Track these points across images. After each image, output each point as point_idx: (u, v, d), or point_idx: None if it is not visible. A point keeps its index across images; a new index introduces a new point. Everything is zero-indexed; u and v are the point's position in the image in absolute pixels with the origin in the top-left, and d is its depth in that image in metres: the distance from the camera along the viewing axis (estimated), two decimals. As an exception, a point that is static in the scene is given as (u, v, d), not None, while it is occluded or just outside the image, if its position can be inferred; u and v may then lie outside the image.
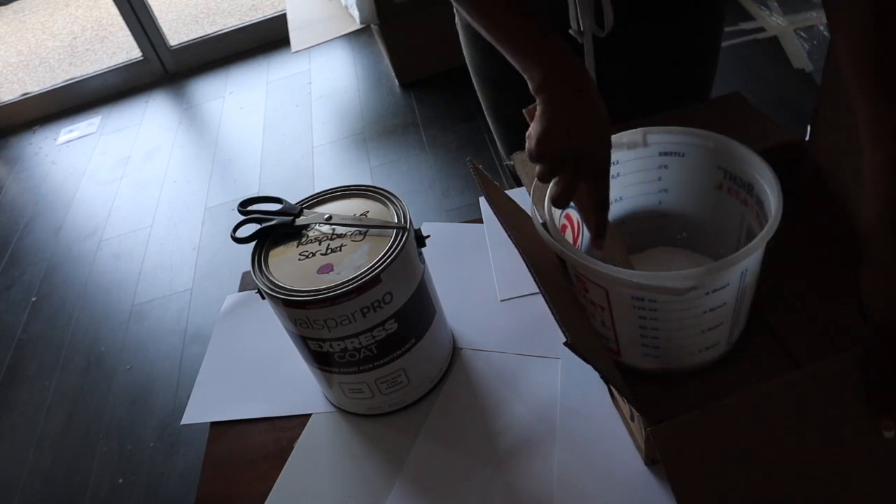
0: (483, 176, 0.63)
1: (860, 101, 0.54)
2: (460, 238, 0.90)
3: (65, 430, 1.81)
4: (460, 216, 2.08)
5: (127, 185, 2.64)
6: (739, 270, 0.56)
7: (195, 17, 3.75)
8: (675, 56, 0.90)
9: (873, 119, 0.53)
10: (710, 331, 0.60)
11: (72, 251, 2.40)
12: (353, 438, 0.72)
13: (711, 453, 0.51)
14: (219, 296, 1.69)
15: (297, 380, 0.78)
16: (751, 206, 0.63)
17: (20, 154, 3.01)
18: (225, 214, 2.36)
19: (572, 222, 0.68)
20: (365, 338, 0.65)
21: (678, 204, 0.71)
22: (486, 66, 0.96)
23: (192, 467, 1.63)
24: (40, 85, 3.27)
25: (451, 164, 2.28)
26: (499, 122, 1.03)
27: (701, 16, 0.90)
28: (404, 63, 2.64)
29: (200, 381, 0.83)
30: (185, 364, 1.89)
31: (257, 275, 0.65)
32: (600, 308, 0.62)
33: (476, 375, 0.74)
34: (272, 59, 3.13)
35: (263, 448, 0.73)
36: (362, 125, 2.58)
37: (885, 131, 0.52)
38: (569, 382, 0.70)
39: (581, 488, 0.62)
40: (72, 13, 4.31)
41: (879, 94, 0.53)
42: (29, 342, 2.09)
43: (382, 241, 0.65)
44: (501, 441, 0.68)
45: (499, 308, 0.80)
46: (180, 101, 3.07)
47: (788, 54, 2.25)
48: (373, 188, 0.71)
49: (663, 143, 0.67)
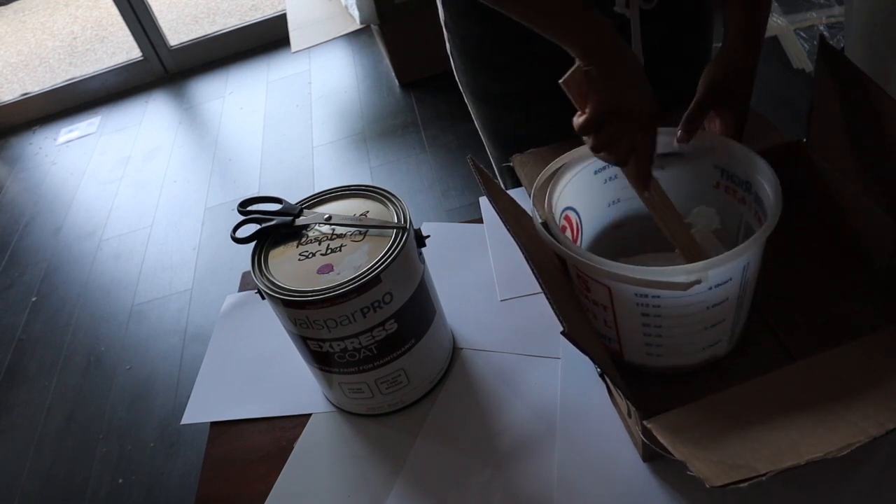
0: (484, 174, 0.63)
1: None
2: (460, 238, 0.90)
3: (65, 430, 1.81)
4: (460, 216, 2.08)
5: (127, 185, 2.64)
6: (741, 265, 0.56)
7: (195, 17, 3.75)
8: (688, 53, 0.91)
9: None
10: (712, 328, 0.61)
11: (72, 251, 2.40)
12: (353, 438, 0.72)
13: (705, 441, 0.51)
14: (219, 296, 1.69)
15: (297, 380, 0.78)
16: (749, 204, 0.63)
17: (20, 154, 3.01)
18: (225, 214, 2.36)
19: (571, 223, 0.68)
20: (365, 338, 0.65)
21: (676, 204, 0.71)
22: (485, 83, 0.95)
23: (192, 467, 1.63)
24: (40, 85, 3.27)
25: (451, 164, 2.28)
26: (497, 139, 1.01)
27: (704, 15, 0.91)
28: (404, 63, 2.64)
29: (200, 381, 0.83)
30: (185, 364, 1.89)
31: (257, 275, 0.65)
32: (603, 307, 0.62)
33: (476, 375, 0.74)
34: (272, 59, 3.13)
35: (263, 448, 0.74)
36: (362, 125, 2.58)
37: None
38: (569, 382, 0.70)
39: (581, 488, 0.62)
40: (72, 13, 4.31)
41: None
42: (29, 342, 2.09)
43: (382, 241, 0.65)
44: (501, 441, 0.68)
45: (499, 308, 0.80)
46: (180, 101, 3.07)
47: (788, 54, 2.25)
48: (373, 188, 0.71)
49: (661, 144, 0.67)
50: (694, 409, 0.55)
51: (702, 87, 0.67)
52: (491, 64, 0.91)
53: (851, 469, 0.58)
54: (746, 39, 0.68)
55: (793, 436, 0.49)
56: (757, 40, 0.69)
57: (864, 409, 0.50)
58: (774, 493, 0.57)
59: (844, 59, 0.64)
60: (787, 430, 0.50)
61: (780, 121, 0.78)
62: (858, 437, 0.46)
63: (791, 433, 0.49)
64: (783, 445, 0.48)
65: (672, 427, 0.53)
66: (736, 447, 0.50)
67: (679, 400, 0.56)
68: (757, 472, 0.45)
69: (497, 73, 0.92)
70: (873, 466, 0.58)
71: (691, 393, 0.57)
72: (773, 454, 0.48)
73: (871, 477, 0.57)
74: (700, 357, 0.64)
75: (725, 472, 0.46)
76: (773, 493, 0.57)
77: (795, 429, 0.50)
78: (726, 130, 0.67)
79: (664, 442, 0.51)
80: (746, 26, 0.68)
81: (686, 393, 0.59)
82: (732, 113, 0.67)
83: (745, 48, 0.68)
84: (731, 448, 0.50)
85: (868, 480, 0.57)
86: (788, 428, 0.50)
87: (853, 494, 0.56)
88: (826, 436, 0.48)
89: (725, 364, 0.65)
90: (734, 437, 0.51)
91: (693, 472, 0.47)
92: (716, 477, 0.46)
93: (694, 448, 0.50)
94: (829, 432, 0.48)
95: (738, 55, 0.68)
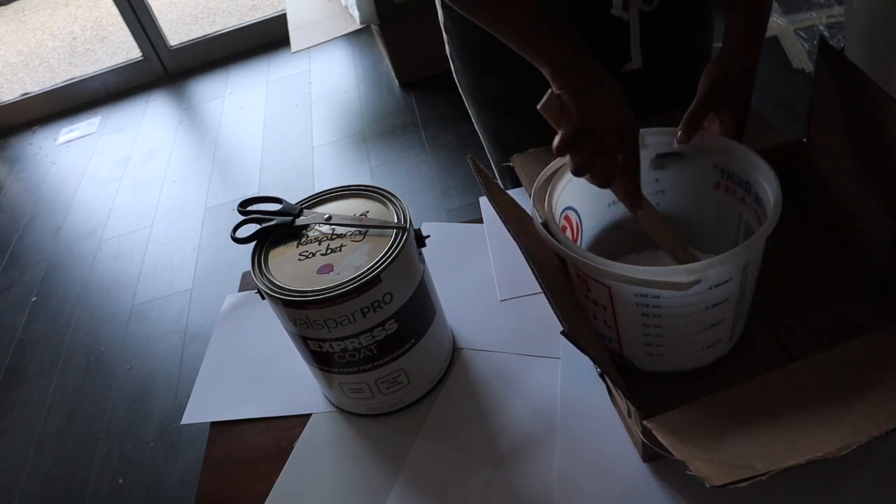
0: (484, 174, 0.64)
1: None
2: (460, 238, 0.90)
3: (65, 430, 1.81)
4: (460, 216, 2.08)
5: (127, 185, 2.64)
6: (741, 264, 0.56)
7: (195, 17, 3.75)
8: (690, 52, 0.91)
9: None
10: (712, 327, 0.61)
11: (72, 251, 2.40)
12: (353, 438, 0.72)
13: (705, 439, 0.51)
14: (219, 296, 1.68)
15: (297, 380, 0.78)
16: (749, 203, 0.63)
17: (20, 154, 3.01)
18: (225, 214, 2.36)
19: (571, 223, 0.68)
20: (365, 338, 0.65)
21: (676, 205, 0.71)
22: (485, 86, 0.95)
23: (192, 467, 1.63)
24: (40, 85, 3.27)
25: (451, 164, 2.28)
26: (496, 141, 1.01)
27: (704, 16, 0.91)
28: (404, 63, 2.64)
29: (200, 381, 0.83)
30: (185, 364, 1.89)
31: (257, 275, 0.65)
32: (603, 307, 0.62)
33: (476, 375, 0.74)
34: (272, 59, 3.13)
35: (263, 448, 0.74)
36: (362, 125, 2.58)
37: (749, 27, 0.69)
38: (569, 382, 0.70)
39: (581, 488, 0.62)
40: (72, 13, 4.31)
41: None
42: (29, 342, 2.09)
43: (382, 241, 0.65)
44: (501, 441, 0.68)
45: (499, 308, 0.80)
46: (180, 101, 3.07)
47: (788, 54, 2.25)
48: (373, 188, 0.71)
49: (661, 144, 0.67)
50: (694, 409, 0.55)
51: (702, 88, 0.67)
52: (490, 67, 0.91)
53: (851, 469, 0.58)
54: (747, 40, 0.68)
55: (793, 436, 0.49)
56: (757, 41, 0.69)
57: (864, 409, 0.50)
58: (774, 493, 0.57)
59: (844, 59, 0.64)
60: (787, 430, 0.50)
61: (780, 121, 0.78)
62: (858, 437, 0.46)
63: (791, 433, 0.49)
64: (783, 445, 0.48)
65: (672, 427, 0.53)
66: (736, 447, 0.50)
67: (679, 400, 0.56)
68: (757, 472, 0.45)
69: (497, 76, 0.92)
70: (873, 466, 0.58)
71: (691, 393, 0.57)
72: (773, 454, 0.48)
73: (871, 477, 0.57)
74: (700, 357, 0.64)
75: (725, 472, 0.46)
76: (773, 493, 0.57)
77: (795, 429, 0.50)
78: (726, 131, 0.67)
79: (664, 442, 0.51)
80: (747, 27, 0.68)
81: (686, 393, 0.59)
82: (733, 113, 0.67)
83: (745, 49, 0.68)
84: (731, 448, 0.50)
85: (868, 480, 0.57)
86: (788, 428, 0.50)
87: (853, 494, 0.57)
88: (826, 436, 0.48)
89: (725, 364, 0.65)
90: (734, 437, 0.51)
91: (693, 472, 0.47)
92: (716, 477, 0.46)
93: (694, 448, 0.50)
94: (829, 432, 0.48)
95: (739, 56, 0.68)
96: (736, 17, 0.69)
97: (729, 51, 0.68)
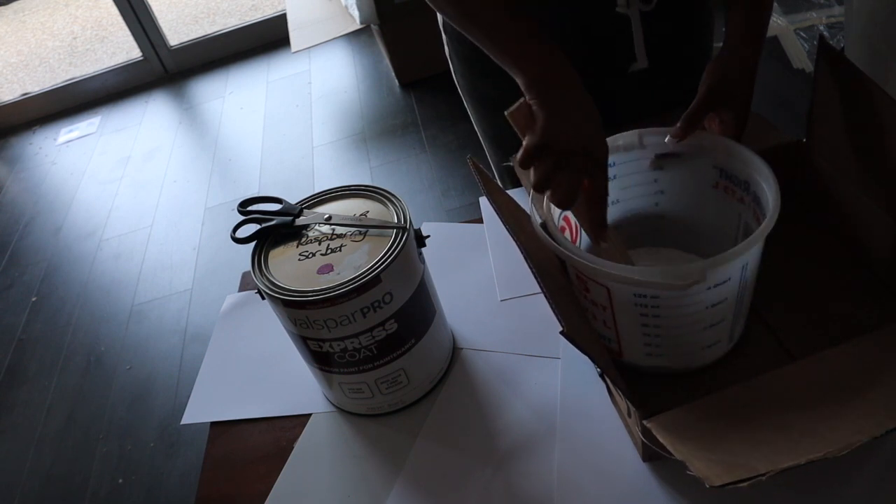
0: (483, 174, 0.64)
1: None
2: (460, 238, 0.90)
3: (65, 430, 1.81)
4: (460, 216, 2.08)
5: (127, 185, 2.64)
6: (740, 264, 0.56)
7: (195, 17, 3.75)
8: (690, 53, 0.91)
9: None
10: (711, 327, 0.61)
11: (72, 251, 2.40)
12: (353, 438, 0.72)
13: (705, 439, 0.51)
14: (219, 296, 1.69)
15: (297, 380, 0.78)
16: (748, 203, 0.63)
17: (20, 154, 3.01)
18: (225, 214, 2.36)
19: (570, 224, 0.68)
20: (365, 338, 0.65)
21: (675, 205, 0.71)
22: (484, 88, 0.95)
23: (192, 467, 1.63)
24: (40, 85, 3.27)
25: (451, 164, 2.28)
26: (495, 142, 1.00)
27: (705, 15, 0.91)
28: (404, 63, 2.64)
29: (200, 381, 0.83)
30: (185, 364, 1.89)
31: (257, 275, 0.65)
32: (602, 308, 0.62)
33: (476, 375, 0.74)
34: (272, 59, 3.13)
35: (263, 448, 0.74)
36: (362, 125, 2.58)
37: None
38: (569, 382, 0.70)
39: (581, 488, 0.62)
40: (72, 13, 4.31)
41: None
42: (29, 342, 2.09)
43: (382, 241, 0.65)
44: (501, 441, 0.68)
45: (499, 308, 0.80)
46: (180, 101, 3.07)
47: (788, 54, 2.25)
48: (373, 188, 0.71)
49: (660, 145, 0.67)
50: (694, 409, 0.55)
51: (702, 88, 0.67)
52: (489, 69, 0.91)
53: (851, 469, 0.58)
54: (747, 40, 0.68)
55: (793, 436, 0.49)
56: (758, 41, 0.69)
57: (863, 409, 0.50)
58: (774, 493, 0.57)
59: (844, 59, 0.64)
60: (787, 429, 0.50)
61: (780, 121, 0.78)
62: (858, 437, 0.46)
63: (791, 433, 0.49)
64: (783, 445, 0.48)
65: (672, 427, 0.53)
66: (736, 447, 0.50)
67: (679, 400, 0.56)
68: (757, 472, 0.45)
69: (495, 78, 0.91)
70: (873, 466, 0.58)
71: (691, 393, 0.57)
72: (773, 454, 0.48)
73: (871, 477, 0.57)
74: (700, 357, 0.64)
75: (725, 472, 0.46)
76: (773, 493, 0.57)
77: (795, 429, 0.50)
78: (726, 131, 0.67)
79: (664, 442, 0.51)
80: (747, 27, 0.68)
81: (686, 393, 0.59)
82: (733, 113, 0.67)
83: (745, 49, 0.68)
84: (731, 448, 0.50)
85: (868, 480, 0.57)
86: (788, 428, 0.50)
87: (853, 494, 0.56)
88: (826, 436, 0.48)
89: (725, 364, 0.65)
90: (734, 437, 0.51)
91: (693, 472, 0.47)
92: (716, 477, 0.46)
93: (694, 448, 0.50)
94: (829, 432, 0.48)
95: (739, 56, 0.68)
96: (736, 17, 0.69)
97: (729, 51, 0.68)
